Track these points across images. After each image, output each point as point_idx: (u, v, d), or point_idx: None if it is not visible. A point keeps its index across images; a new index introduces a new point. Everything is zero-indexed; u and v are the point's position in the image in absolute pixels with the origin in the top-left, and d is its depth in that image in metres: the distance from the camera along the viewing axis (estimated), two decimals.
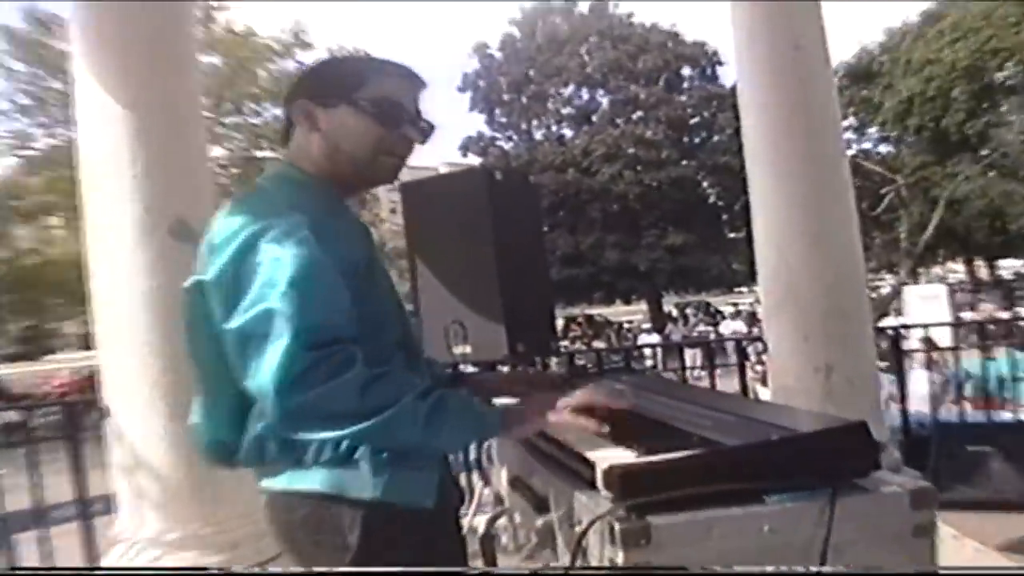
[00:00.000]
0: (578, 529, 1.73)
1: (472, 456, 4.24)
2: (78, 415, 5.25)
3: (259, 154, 27.74)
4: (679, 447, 1.82)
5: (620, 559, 1.58)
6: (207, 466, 4.21)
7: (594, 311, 42.29)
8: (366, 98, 2.12)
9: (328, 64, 2.26)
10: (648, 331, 32.42)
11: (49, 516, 4.98)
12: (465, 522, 3.17)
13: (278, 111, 27.49)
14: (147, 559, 4.37)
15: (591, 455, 1.86)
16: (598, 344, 27.31)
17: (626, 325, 37.95)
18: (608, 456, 1.83)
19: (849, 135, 37.02)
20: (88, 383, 25.78)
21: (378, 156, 2.16)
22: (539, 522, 2.07)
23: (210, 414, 2.11)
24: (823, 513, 1.66)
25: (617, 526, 1.60)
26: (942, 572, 1.87)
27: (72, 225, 28.37)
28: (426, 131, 2.22)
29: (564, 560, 1.91)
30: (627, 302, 42.72)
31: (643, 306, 42.30)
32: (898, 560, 1.70)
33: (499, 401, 2.36)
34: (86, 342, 44.90)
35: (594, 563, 1.68)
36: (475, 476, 4.52)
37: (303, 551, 2.03)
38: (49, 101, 26.58)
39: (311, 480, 1.98)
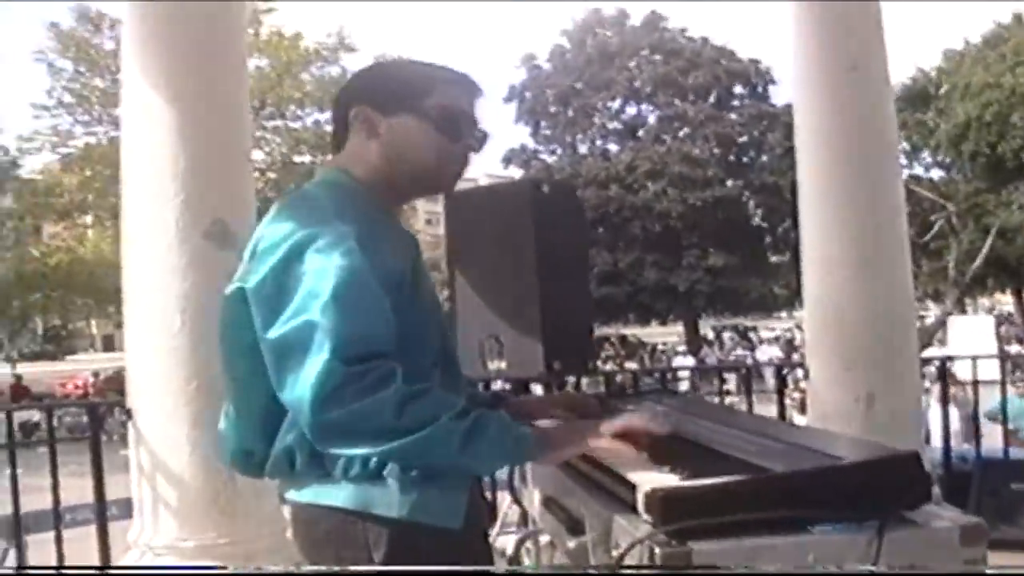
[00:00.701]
0: (615, 553, 1.71)
1: (503, 475, 4.22)
2: (101, 416, 5.27)
3: (297, 159, 27.96)
4: (723, 472, 1.80)
5: None
6: (228, 475, 4.30)
7: (628, 331, 42.16)
8: (431, 107, 2.11)
9: (390, 69, 2.24)
10: (683, 353, 32.29)
11: (65, 518, 4.98)
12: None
13: (320, 116, 27.92)
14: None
15: (632, 477, 1.85)
16: (631, 365, 27.26)
17: (660, 347, 37.83)
18: (650, 479, 1.81)
19: (901, 159, 36.77)
20: (107, 385, 26.01)
21: (441, 166, 2.15)
22: (571, 544, 2.06)
23: (239, 422, 2.11)
24: (870, 545, 1.63)
25: (658, 551, 1.58)
26: None
27: (104, 224, 28.74)
28: (482, 141, 2.22)
29: None
30: (663, 323, 42.59)
31: (678, 327, 42.15)
32: None
33: (539, 423, 2.33)
34: (110, 344, 45.42)
35: None
36: (503, 494, 4.50)
37: (327, 565, 2.02)
38: (92, 99, 26.98)
39: (338, 495, 1.97)
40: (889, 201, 5.72)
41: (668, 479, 1.82)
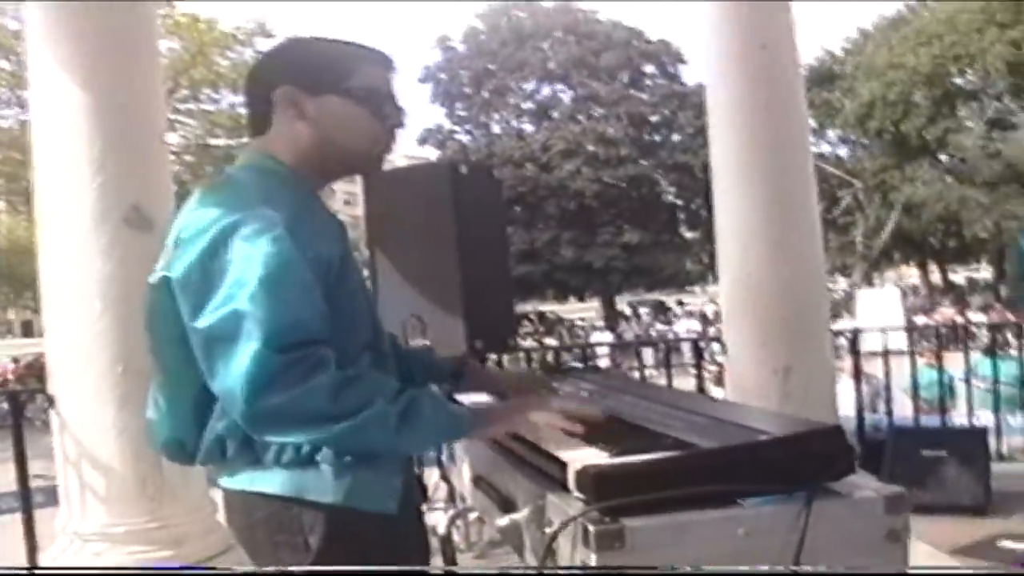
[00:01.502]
0: (548, 530, 1.71)
1: (431, 452, 4.22)
2: (22, 404, 5.14)
3: (213, 142, 27.53)
4: (652, 448, 1.81)
5: (593, 561, 1.56)
6: (156, 460, 4.22)
7: (546, 308, 42.38)
8: (358, 87, 2.07)
9: (311, 49, 2.14)
10: (601, 329, 32.52)
11: None
12: None
13: (235, 99, 27.47)
14: (91, 553, 4.32)
15: (563, 455, 1.84)
16: (550, 341, 27.38)
17: (578, 322, 38.06)
18: (580, 456, 1.81)
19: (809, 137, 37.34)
20: (27, 371, 25.37)
21: (371, 147, 2.12)
22: (502, 522, 2.05)
23: (169, 411, 2.05)
24: (799, 517, 1.64)
25: (591, 528, 1.58)
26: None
27: (18, 210, 28.03)
28: (403, 118, 2.18)
29: (529, 559, 1.89)
30: (580, 299, 42.91)
31: (595, 303, 42.49)
32: (872, 564, 1.70)
33: (469, 400, 2.33)
34: (29, 330, 44.39)
35: (564, 563, 1.66)
36: (430, 471, 4.51)
37: (262, 550, 1.99)
38: None
39: (271, 482, 1.94)
40: (800, 178, 5.78)
41: (598, 456, 1.82)
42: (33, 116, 4.64)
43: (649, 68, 40.68)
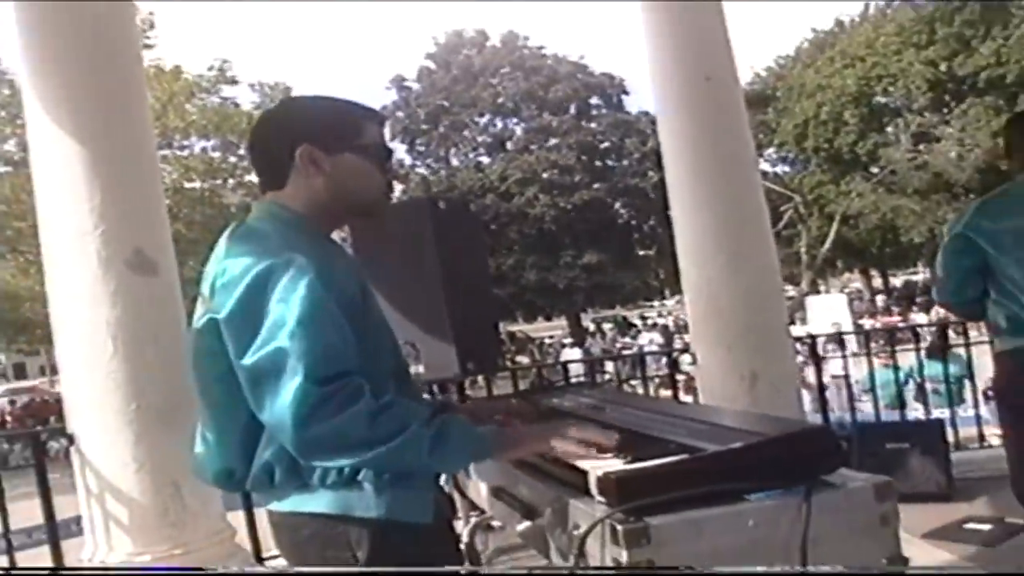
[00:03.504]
0: (576, 532, 1.78)
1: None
2: (43, 444, 5.14)
3: (188, 185, 27.37)
4: (661, 453, 1.89)
5: (624, 558, 1.64)
6: (174, 491, 4.24)
7: (515, 328, 42.46)
8: (366, 144, 2.19)
9: (324, 109, 2.24)
10: (570, 345, 32.60)
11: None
12: None
13: (207, 143, 27.33)
14: None
15: (581, 464, 1.92)
16: (522, 359, 27.44)
17: (547, 340, 38.16)
18: (598, 465, 1.89)
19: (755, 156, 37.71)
20: (24, 413, 25.10)
21: (378, 195, 2.23)
22: (524, 526, 2.12)
23: (218, 444, 2.12)
24: (800, 508, 1.73)
25: (620, 528, 1.66)
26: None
27: (5, 258, 27.71)
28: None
29: (555, 559, 1.96)
30: (548, 318, 43.00)
31: (562, 321, 42.60)
32: (868, 547, 1.79)
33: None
34: (22, 372, 43.83)
35: (594, 563, 1.73)
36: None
37: (312, 566, 2.06)
38: None
39: (318, 502, 2.02)
40: (750, 195, 5.88)
41: (614, 464, 1.90)
42: (34, 172, 4.65)
43: (595, 99, 40.92)
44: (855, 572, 1.73)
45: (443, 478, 2.32)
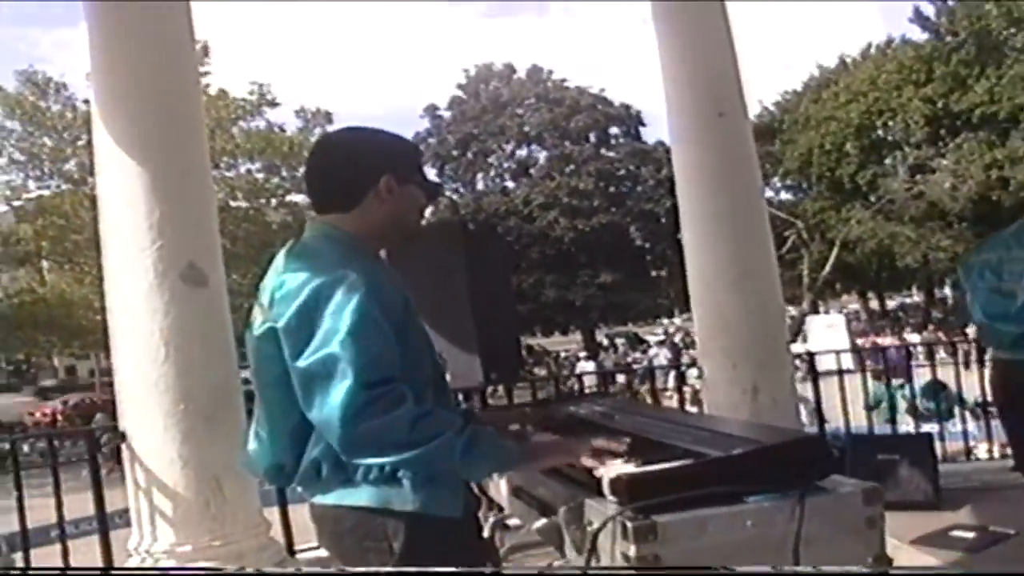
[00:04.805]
0: (590, 528, 1.83)
1: None
2: (96, 441, 5.23)
3: (233, 204, 27.55)
4: (668, 458, 1.93)
5: (632, 552, 1.69)
6: (216, 486, 4.29)
7: (533, 341, 42.47)
8: (422, 176, 2.31)
9: (402, 144, 2.34)
10: (585, 358, 32.58)
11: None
12: None
13: (251, 165, 27.46)
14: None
15: (595, 468, 1.97)
16: (539, 371, 27.44)
17: (563, 353, 38.16)
18: (611, 467, 1.93)
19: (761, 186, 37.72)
20: (74, 412, 25.26)
21: (420, 221, 2.35)
22: (541, 523, 2.16)
23: (270, 441, 2.19)
24: (794, 510, 1.77)
25: (629, 525, 1.70)
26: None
27: (63, 268, 28.00)
28: None
29: (569, 554, 2.00)
30: (564, 333, 43.00)
31: (577, 336, 42.59)
32: (855, 547, 1.83)
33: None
34: (72, 374, 44.13)
35: (605, 557, 1.78)
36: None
37: (351, 555, 2.12)
38: (42, 156, 26.31)
39: (359, 496, 2.08)
40: (757, 222, 5.90)
41: (625, 467, 1.94)
42: (99, 191, 4.73)
43: (614, 129, 41.02)
44: (849, 572, 1.77)
45: None
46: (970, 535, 4.88)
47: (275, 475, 2.24)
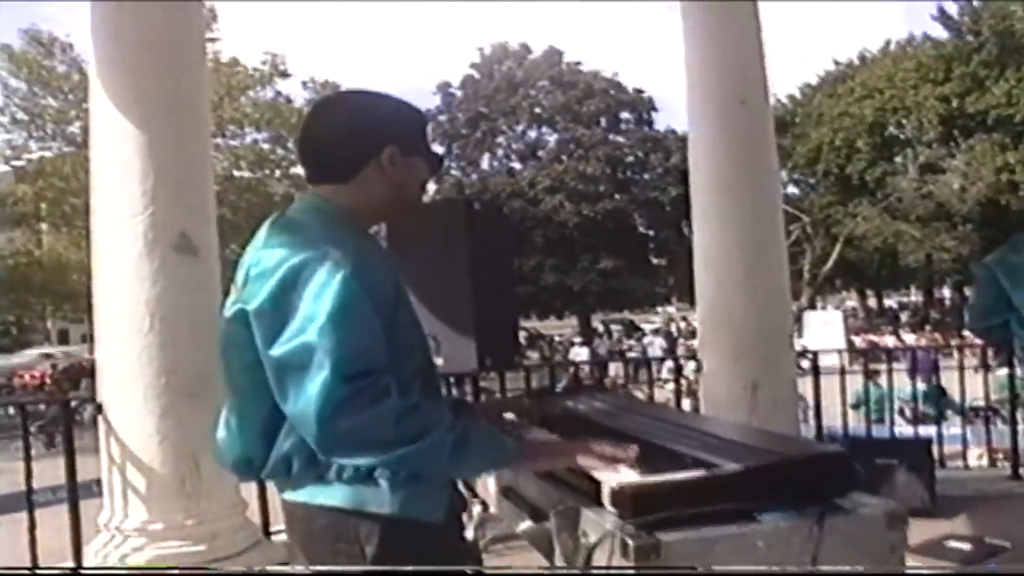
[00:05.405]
0: (585, 541, 1.67)
1: None
2: (72, 410, 5.09)
3: (237, 174, 27.40)
4: (674, 467, 1.77)
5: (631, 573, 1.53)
6: (192, 464, 4.16)
7: (527, 324, 42.36)
8: (427, 147, 2.11)
9: (403, 111, 2.11)
10: (579, 344, 32.47)
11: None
12: None
13: (258, 135, 27.29)
14: (131, 546, 4.26)
15: (596, 474, 1.80)
16: (531, 354, 27.37)
17: (557, 338, 38.09)
18: (612, 475, 1.77)
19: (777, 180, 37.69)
20: (63, 376, 25.11)
21: (420, 197, 2.15)
22: (525, 526, 2.01)
23: (239, 431, 2.00)
24: (811, 531, 1.62)
25: (631, 542, 1.54)
26: None
27: (60, 231, 27.88)
28: None
29: (558, 563, 1.84)
30: (559, 317, 42.92)
31: (572, 321, 42.51)
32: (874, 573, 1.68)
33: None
34: (65, 338, 44.04)
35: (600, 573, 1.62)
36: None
37: (320, 558, 1.93)
38: (45, 117, 26.14)
39: (332, 495, 1.89)
40: (769, 217, 5.80)
41: (628, 475, 1.78)
42: (93, 153, 4.59)
43: (625, 115, 40.79)
44: (849, 572, 1.66)
45: None
46: (966, 546, 4.79)
47: (243, 468, 2.03)
